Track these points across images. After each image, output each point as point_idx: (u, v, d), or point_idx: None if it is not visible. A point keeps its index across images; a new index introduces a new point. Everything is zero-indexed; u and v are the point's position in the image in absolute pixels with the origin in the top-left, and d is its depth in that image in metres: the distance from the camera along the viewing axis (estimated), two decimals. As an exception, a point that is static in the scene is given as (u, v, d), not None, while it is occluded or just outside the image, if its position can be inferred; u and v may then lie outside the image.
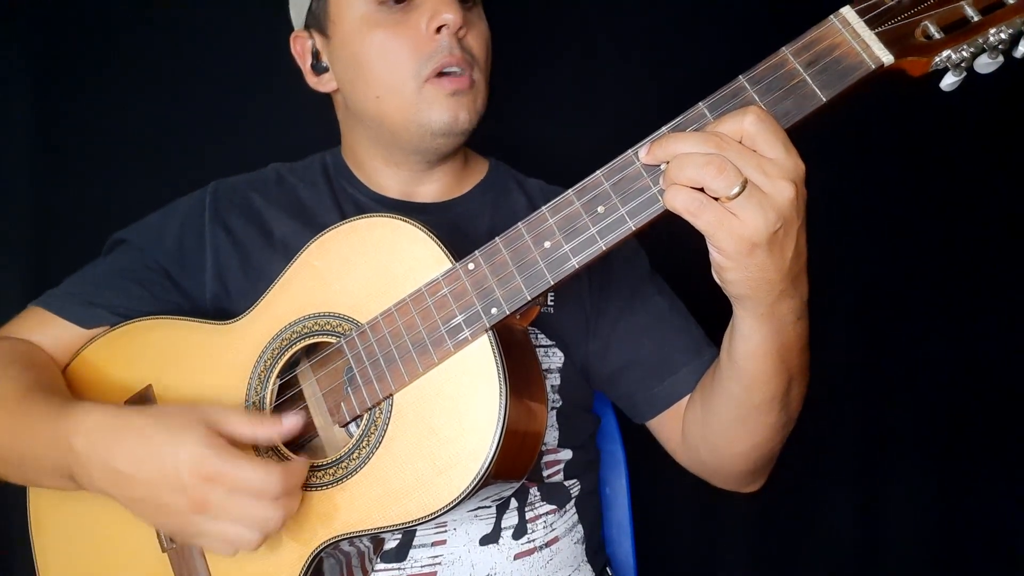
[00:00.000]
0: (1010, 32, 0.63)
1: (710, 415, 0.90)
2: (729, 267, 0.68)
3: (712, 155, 0.64)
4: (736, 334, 0.77)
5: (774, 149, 0.64)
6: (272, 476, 0.73)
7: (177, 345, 0.92)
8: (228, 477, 0.72)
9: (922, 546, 1.57)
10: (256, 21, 1.12)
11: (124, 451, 0.76)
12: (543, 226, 0.74)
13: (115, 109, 1.37)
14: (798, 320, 0.75)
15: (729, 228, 0.64)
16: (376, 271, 0.82)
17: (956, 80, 0.66)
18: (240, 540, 0.74)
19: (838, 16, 0.66)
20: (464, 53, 0.92)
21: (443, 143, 0.96)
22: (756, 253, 0.66)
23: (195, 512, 0.73)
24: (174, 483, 0.73)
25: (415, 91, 0.92)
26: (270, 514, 0.74)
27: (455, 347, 0.77)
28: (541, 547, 0.97)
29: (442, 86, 0.92)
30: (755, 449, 0.89)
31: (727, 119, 0.66)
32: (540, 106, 1.48)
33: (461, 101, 0.93)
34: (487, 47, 0.97)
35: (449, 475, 0.75)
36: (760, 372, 0.78)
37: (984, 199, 1.55)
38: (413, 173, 1.02)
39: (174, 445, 0.73)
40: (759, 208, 0.64)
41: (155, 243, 1.02)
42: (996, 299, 1.56)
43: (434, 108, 0.93)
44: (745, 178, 0.64)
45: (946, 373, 1.56)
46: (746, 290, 0.70)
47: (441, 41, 0.91)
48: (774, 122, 0.65)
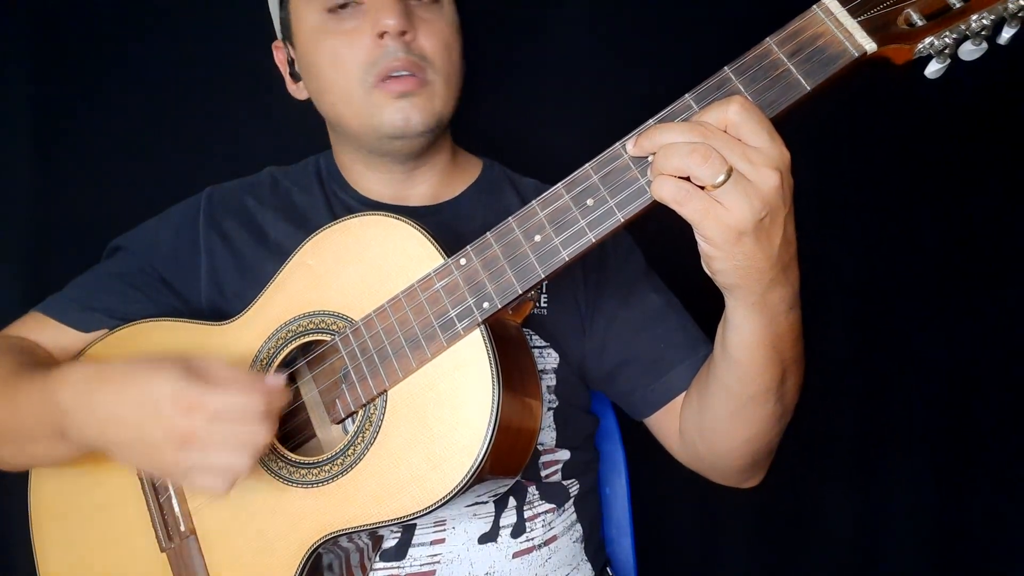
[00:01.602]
0: (992, 18, 0.63)
1: (706, 409, 0.90)
2: (717, 256, 0.68)
3: (697, 144, 0.64)
4: (728, 325, 0.78)
5: (758, 137, 0.65)
6: (251, 396, 0.75)
7: (174, 346, 0.93)
8: (208, 403, 0.73)
9: (922, 544, 1.56)
10: (252, 26, 1.13)
11: (107, 395, 0.78)
12: (533, 220, 0.74)
13: (113, 115, 1.38)
14: (790, 309, 0.75)
15: (715, 217, 0.65)
16: (369, 269, 0.83)
17: (941, 67, 0.67)
18: (231, 466, 0.74)
19: (821, 6, 0.67)
20: (411, 56, 0.92)
21: (402, 145, 0.97)
22: (743, 241, 0.66)
23: (182, 446, 0.74)
24: (156, 418, 0.74)
25: (364, 96, 0.93)
26: (255, 433, 0.74)
27: (448, 342, 0.77)
28: (540, 546, 0.97)
29: (389, 89, 0.92)
30: (752, 441, 0.89)
31: (711, 109, 0.66)
32: (535, 105, 1.48)
33: (413, 102, 0.93)
34: (446, 44, 0.95)
35: (443, 469, 0.75)
36: (753, 363, 0.78)
37: (980, 191, 1.54)
38: (395, 176, 1.03)
39: (153, 382, 0.75)
40: (744, 196, 0.64)
41: (151, 248, 1.04)
42: (996, 295, 1.56)
43: (384, 112, 0.93)
44: (730, 166, 0.64)
45: (944, 369, 1.55)
46: (735, 279, 0.70)
47: (386, 46, 0.91)
48: (758, 111, 0.66)
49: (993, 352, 1.56)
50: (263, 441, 0.75)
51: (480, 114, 0.99)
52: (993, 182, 1.54)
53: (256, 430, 0.74)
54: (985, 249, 1.56)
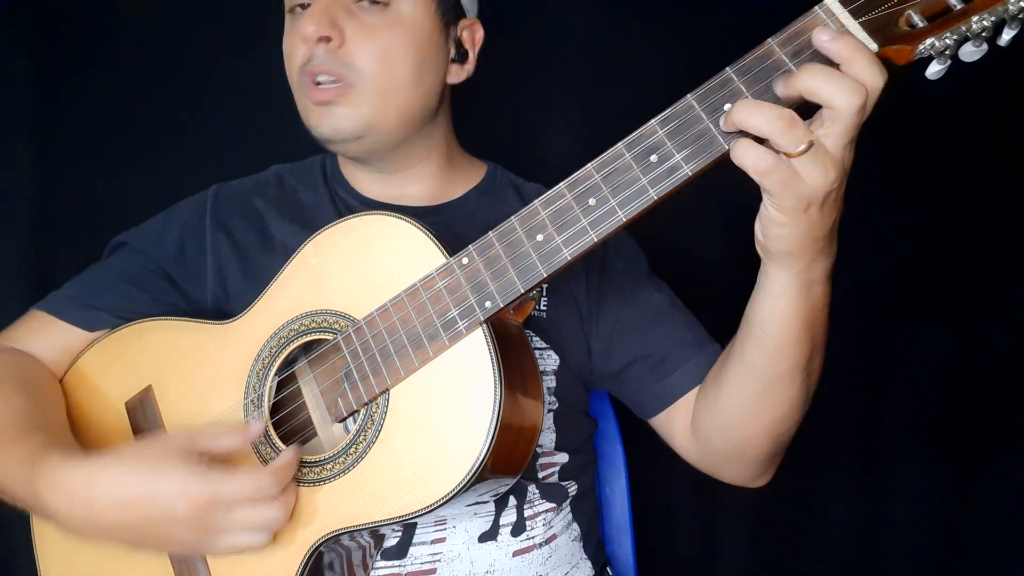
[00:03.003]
0: (992, 20, 0.63)
1: (725, 399, 0.89)
2: (783, 222, 0.68)
3: (784, 112, 0.64)
4: (765, 295, 0.78)
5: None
6: (264, 479, 0.75)
7: (176, 346, 0.93)
8: (223, 496, 0.74)
9: (923, 545, 1.56)
10: (256, 21, 1.13)
11: (107, 505, 0.75)
12: (536, 219, 0.75)
13: (116, 111, 1.38)
14: (826, 281, 0.76)
15: (794, 186, 0.65)
16: (372, 268, 0.83)
17: (941, 68, 0.67)
18: (250, 545, 0.77)
19: (823, 7, 0.67)
20: (334, 63, 0.91)
21: (339, 148, 0.98)
22: (810, 211, 0.67)
23: (202, 539, 0.75)
24: (171, 519, 0.74)
25: (301, 98, 0.96)
26: (272, 514, 0.76)
27: (450, 341, 0.77)
28: (540, 544, 0.97)
29: (311, 96, 0.93)
30: (775, 426, 0.88)
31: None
32: (540, 110, 1.49)
33: (332, 110, 0.93)
34: (383, 49, 0.92)
35: (445, 468, 0.75)
36: (787, 336, 0.79)
37: (980, 191, 1.55)
38: (382, 176, 1.03)
39: (158, 483, 0.74)
40: (822, 167, 0.65)
41: (156, 246, 1.03)
42: (998, 294, 1.56)
43: (311, 117, 0.95)
44: (813, 138, 0.64)
45: (945, 369, 1.56)
46: (790, 246, 0.71)
47: (314, 52, 0.92)
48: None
49: (994, 352, 1.56)
50: (281, 521, 0.77)
51: (486, 119, 0.99)
52: (993, 183, 1.55)
53: (274, 514, 0.76)
54: (986, 250, 1.56)
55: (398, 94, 0.94)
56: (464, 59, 1.02)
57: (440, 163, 1.06)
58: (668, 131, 0.69)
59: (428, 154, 1.04)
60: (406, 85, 0.95)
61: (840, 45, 0.64)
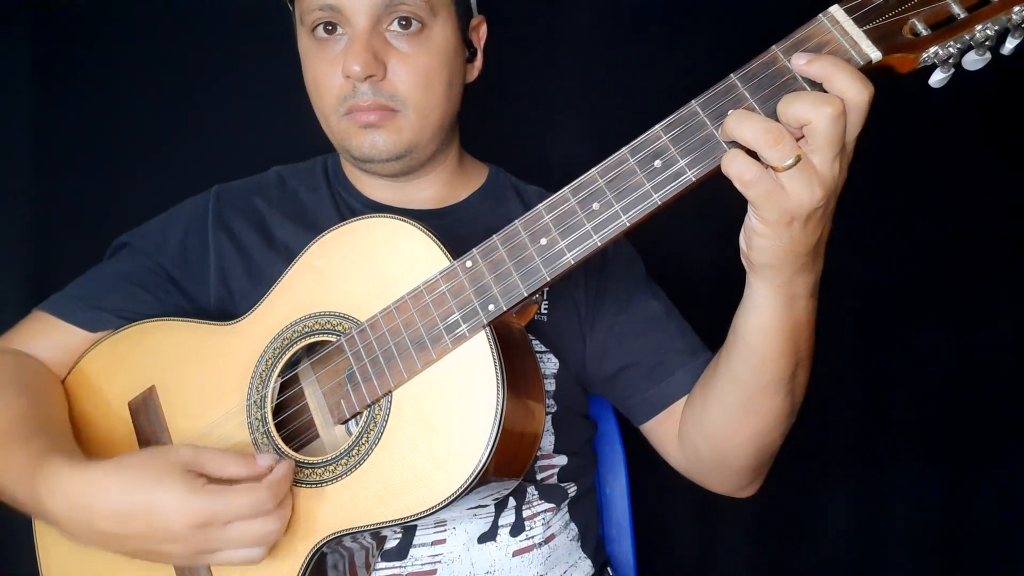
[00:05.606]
0: (996, 29, 0.64)
1: (712, 405, 0.90)
2: (765, 235, 0.69)
3: (773, 126, 0.65)
4: (748, 307, 0.78)
5: None
6: (261, 494, 0.75)
7: (179, 346, 0.93)
8: (220, 514, 0.74)
9: (922, 548, 1.57)
10: (259, 23, 1.14)
11: (106, 513, 0.76)
12: (539, 223, 0.75)
13: (117, 112, 1.38)
14: (810, 297, 0.76)
15: (777, 200, 0.66)
16: (375, 270, 0.84)
17: (944, 76, 0.67)
18: (247, 559, 0.77)
19: (827, 15, 0.67)
20: (379, 96, 0.92)
21: (373, 167, 0.99)
22: (793, 226, 0.67)
23: (197, 554, 0.76)
24: (168, 535, 0.74)
25: (337, 123, 0.96)
26: (269, 528, 0.77)
27: (453, 343, 0.78)
28: (539, 544, 0.98)
29: (355, 120, 0.94)
30: (758, 437, 0.89)
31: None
32: (543, 113, 1.49)
33: (378, 132, 0.94)
34: (424, 76, 0.94)
35: (447, 470, 0.76)
36: (769, 349, 0.79)
37: (982, 197, 1.55)
38: (395, 182, 1.04)
39: (158, 497, 0.74)
40: (808, 184, 0.65)
41: (158, 247, 1.03)
42: (997, 296, 1.57)
43: (352, 140, 0.95)
44: (800, 153, 0.65)
45: (946, 372, 1.56)
46: (772, 259, 0.71)
47: (357, 87, 0.92)
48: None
49: (994, 352, 1.57)
50: (278, 534, 0.78)
51: (488, 122, 1.00)
52: (995, 189, 1.55)
53: (271, 527, 0.77)
54: (986, 253, 1.57)
55: (435, 112, 0.96)
56: (474, 57, 1.04)
57: (451, 167, 1.07)
58: (672, 136, 0.70)
59: (443, 159, 1.05)
60: (440, 103, 0.96)
61: (817, 67, 0.65)
